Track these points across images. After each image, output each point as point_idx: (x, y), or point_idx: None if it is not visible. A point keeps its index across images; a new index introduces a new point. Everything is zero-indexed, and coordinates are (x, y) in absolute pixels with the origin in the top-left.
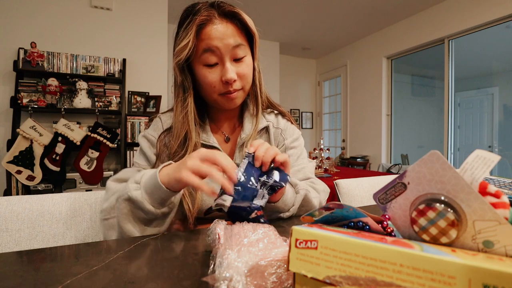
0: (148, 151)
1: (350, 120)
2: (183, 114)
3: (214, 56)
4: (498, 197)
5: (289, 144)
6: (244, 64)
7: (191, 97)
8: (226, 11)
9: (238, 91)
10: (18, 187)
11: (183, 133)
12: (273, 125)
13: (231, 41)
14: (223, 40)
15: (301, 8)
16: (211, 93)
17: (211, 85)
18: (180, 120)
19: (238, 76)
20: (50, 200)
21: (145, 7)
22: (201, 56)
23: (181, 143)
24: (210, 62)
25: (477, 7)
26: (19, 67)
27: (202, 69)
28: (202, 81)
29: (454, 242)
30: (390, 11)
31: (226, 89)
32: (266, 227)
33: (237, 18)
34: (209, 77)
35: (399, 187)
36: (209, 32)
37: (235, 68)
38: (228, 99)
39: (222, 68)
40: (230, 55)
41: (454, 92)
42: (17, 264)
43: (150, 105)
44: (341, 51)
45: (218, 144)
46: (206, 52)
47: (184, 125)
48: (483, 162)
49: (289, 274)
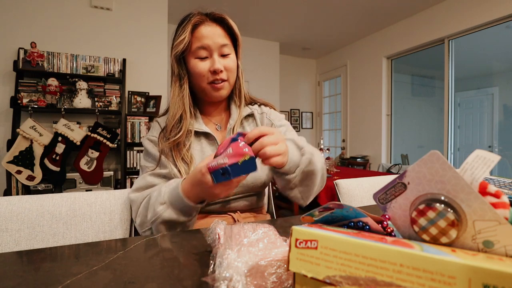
0: (153, 150)
1: (350, 120)
2: (180, 96)
3: (205, 51)
4: (498, 197)
5: (277, 123)
6: (229, 59)
7: (187, 84)
8: (216, 16)
9: (224, 82)
10: (18, 187)
11: (179, 113)
12: (258, 112)
13: (219, 40)
14: (213, 39)
15: (301, 8)
16: (201, 82)
17: (201, 74)
18: (177, 101)
19: (224, 68)
20: (50, 200)
21: (145, 7)
22: (194, 51)
23: (176, 122)
24: (201, 55)
25: (477, 7)
26: (19, 67)
27: (194, 61)
28: (193, 71)
29: (454, 242)
30: (390, 11)
31: (214, 78)
32: (266, 227)
33: (224, 23)
34: (199, 67)
35: (399, 187)
36: (201, 31)
37: (222, 61)
38: (215, 88)
39: (210, 60)
40: (218, 51)
41: (454, 92)
42: (17, 264)
43: (150, 105)
44: (341, 51)
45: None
46: (199, 48)
47: (180, 106)
48: (483, 162)
49: (289, 274)
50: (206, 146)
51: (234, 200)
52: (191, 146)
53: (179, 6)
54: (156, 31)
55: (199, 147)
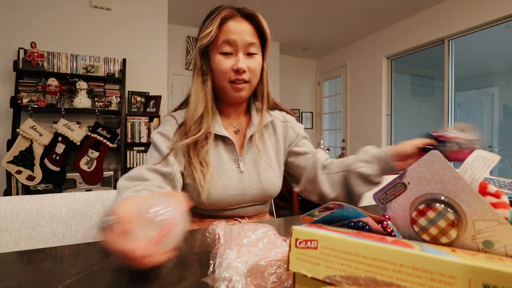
0: (162, 145)
1: (350, 120)
2: (203, 93)
3: (231, 47)
4: (498, 197)
5: (302, 133)
6: (254, 60)
7: (210, 80)
8: (246, 13)
9: (246, 83)
10: (18, 187)
11: (201, 110)
12: (280, 119)
13: (247, 38)
14: (241, 36)
15: (301, 8)
16: (222, 79)
17: (223, 71)
18: (200, 97)
19: (247, 68)
20: (50, 200)
21: (145, 7)
22: (219, 46)
23: (197, 119)
24: (226, 51)
25: (477, 7)
26: (19, 67)
27: (218, 56)
28: (216, 67)
29: (454, 242)
30: (390, 11)
31: (235, 77)
32: (266, 227)
33: (255, 21)
34: (223, 63)
35: (399, 187)
36: (230, 26)
37: (246, 61)
38: (235, 88)
39: (235, 58)
40: (244, 49)
41: (454, 92)
42: (17, 264)
43: (150, 105)
44: (341, 51)
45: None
46: (224, 43)
47: (202, 103)
48: (483, 162)
49: (289, 274)
50: (223, 152)
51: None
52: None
53: (179, 6)
54: (156, 31)
55: (215, 152)
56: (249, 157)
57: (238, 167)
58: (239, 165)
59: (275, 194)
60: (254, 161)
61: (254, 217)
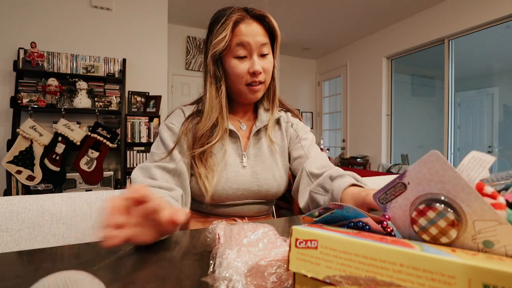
0: (168, 139)
1: (350, 120)
2: (218, 99)
3: (245, 50)
4: (494, 198)
5: (302, 135)
6: (267, 60)
7: (224, 86)
8: (256, 14)
9: (261, 84)
10: (18, 187)
11: (215, 117)
12: (284, 119)
13: (260, 39)
14: (254, 37)
15: (301, 8)
16: (238, 83)
17: (239, 76)
18: (215, 104)
19: (262, 69)
20: (50, 200)
21: (145, 7)
22: (233, 49)
23: (211, 127)
24: (240, 54)
25: (477, 7)
26: (19, 67)
27: (233, 61)
28: (231, 72)
29: (454, 242)
30: (390, 11)
31: (252, 80)
32: (266, 227)
33: (265, 21)
34: (239, 68)
35: (399, 187)
36: (242, 29)
37: (260, 62)
38: (252, 90)
39: (250, 61)
40: (258, 51)
41: (454, 92)
42: (17, 264)
43: (150, 105)
44: (341, 51)
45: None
46: (238, 46)
47: (217, 109)
48: (479, 163)
49: (289, 274)
50: (228, 145)
51: (245, 206)
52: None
53: (179, 6)
54: (156, 31)
55: (220, 144)
56: (253, 154)
57: (242, 162)
58: (243, 160)
59: (277, 193)
60: (258, 158)
61: (254, 218)
